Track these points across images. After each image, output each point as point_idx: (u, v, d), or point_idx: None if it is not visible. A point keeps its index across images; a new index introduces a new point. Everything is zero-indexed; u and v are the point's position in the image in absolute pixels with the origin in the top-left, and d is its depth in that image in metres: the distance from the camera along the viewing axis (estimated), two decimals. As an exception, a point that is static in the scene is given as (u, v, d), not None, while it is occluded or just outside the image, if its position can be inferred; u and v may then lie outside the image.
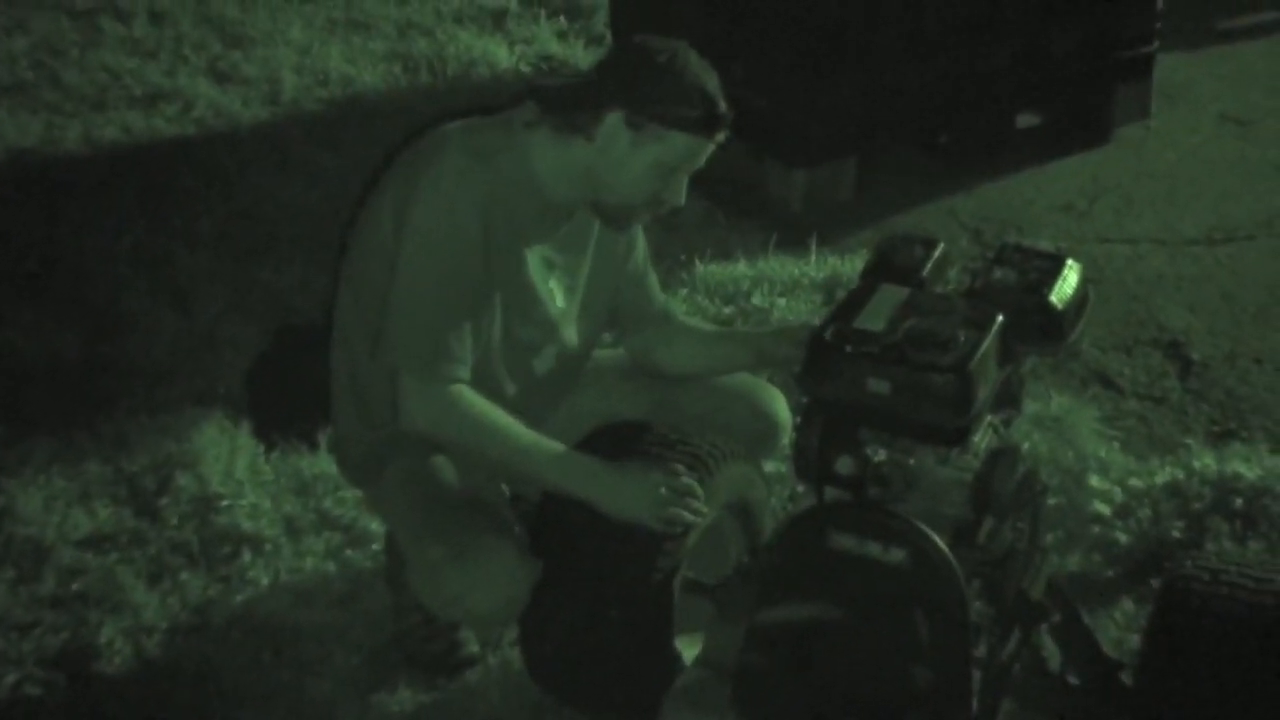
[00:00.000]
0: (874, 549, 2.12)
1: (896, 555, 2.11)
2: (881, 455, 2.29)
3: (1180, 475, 3.25)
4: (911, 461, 2.29)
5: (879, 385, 2.15)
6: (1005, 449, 2.30)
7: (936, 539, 2.11)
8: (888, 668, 2.13)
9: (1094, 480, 3.23)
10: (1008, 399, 2.41)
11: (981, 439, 2.31)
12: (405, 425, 2.53)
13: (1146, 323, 4.01)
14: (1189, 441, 3.47)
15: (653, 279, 2.87)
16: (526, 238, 2.57)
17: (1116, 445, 3.44)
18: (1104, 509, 3.15)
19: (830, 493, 2.28)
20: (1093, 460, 3.32)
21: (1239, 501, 3.14)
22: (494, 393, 2.59)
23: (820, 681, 2.16)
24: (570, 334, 2.71)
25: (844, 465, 2.24)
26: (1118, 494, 3.20)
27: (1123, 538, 3.09)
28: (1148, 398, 3.70)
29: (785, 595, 2.20)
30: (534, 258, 2.59)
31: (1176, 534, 3.07)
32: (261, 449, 3.55)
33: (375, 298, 2.55)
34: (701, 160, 2.54)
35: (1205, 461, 3.29)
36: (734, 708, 2.23)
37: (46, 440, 3.70)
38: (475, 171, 2.47)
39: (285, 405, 3.11)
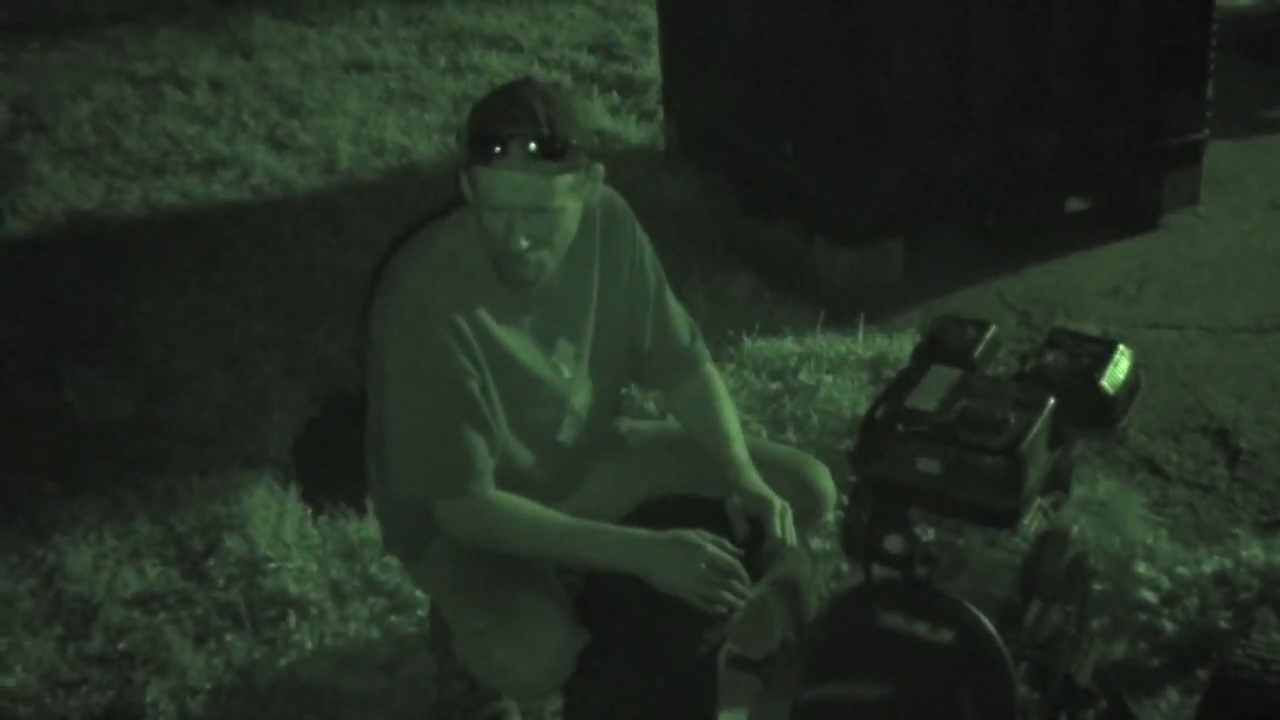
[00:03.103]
0: (922, 629, 2.12)
1: (945, 636, 2.11)
2: (930, 535, 2.30)
3: (1228, 564, 3.23)
4: (960, 542, 2.29)
5: (930, 465, 2.16)
6: (1055, 532, 2.30)
7: (985, 620, 2.11)
8: (934, 749, 2.13)
9: (1141, 567, 3.21)
10: (1057, 482, 2.42)
11: (1031, 521, 2.31)
12: (449, 537, 2.56)
13: (1195, 410, 4.00)
14: (1237, 531, 3.44)
15: (675, 313, 2.80)
16: (508, 320, 2.54)
17: (1164, 532, 3.41)
18: (1150, 597, 3.13)
19: (878, 571, 2.28)
20: (1140, 547, 3.30)
21: (1287, 593, 3.12)
22: (521, 475, 2.60)
23: (866, 760, 2.16)
24: (584, 398, 2.69)
25: (893, 544, 2.24)
26: (1164, 582, 3.17)
27: (1169, 626, 3.06)
28: (1195, 485, 3.68)
29: (831, 673, 2.20)
30: (525, 338, 2.57)
31: (1224, 624, 3.04)
32: (309, 513, 3.58)
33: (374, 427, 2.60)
34: (519, 195, 2.37)
35: (1253, 551, 3.27)
36: (777, 784, 2.23)
37: (98, 499, 3.76)
38: (435, 288, 2.46)
39: (333, 471, 3.14)
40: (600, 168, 2.49)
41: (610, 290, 2.67)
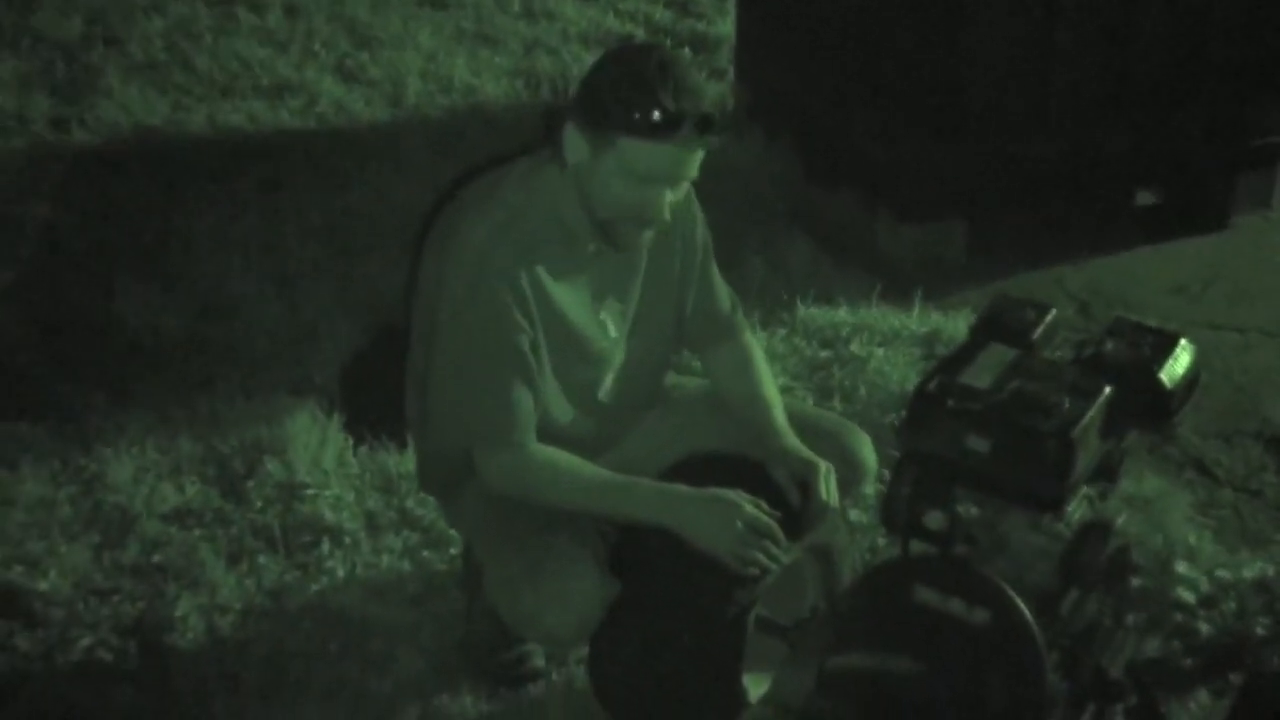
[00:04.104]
0: (957, 606, 2.09)
1: (980, 615, 2.08)
2: (973, 514, 2.27)
3: (1270, 571, 3.18)
4: (1002, 524, 2.26)
5: (978, 443, 2.13)
6: (1099, 522, 2.26)
7: (1021, 604, 2.08)
8: (959, 728, 2.11)
9: (1181, 567, 3.17)
10: (1106, 472, 2.37)
11: (1076, 509, 2.27)
12: (486, 487, 2.56)
13: (1250, 414, 3.94)
14: (1281, 538, 3.40)
15: (718, 283, 2.78)
16: (565, 278, 2.53)
17: (1207, 534, 3.37)
18: (1188, 597, 3.09)
19: (916, 546, 2.25)
20: (1181, 546, 3.26)
21: (1328, 604, 3.08)
22: (563, 431, 2.60)
23: (888, 733, 2.14)
24: (630, 356, 2.69)
25: (934, 520, 2.21)
26: (1204, 583, 3.13)
27: (1204, 628, 3.02)
28: (1244, 490, 3.63)
29: (861, 642, 2.18)
30: (579, 294, 2.56)
31: (1260, 630, 3.00)
32: (350, 442, 3.60)
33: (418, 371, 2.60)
34: (679, 169, 2.39)
35: (1297, 560, 3.23)
36: (797, 750, 2.22)
37: (143, 413, 3.78)
38: (496, 240, 2.44)
39: (377, 403, 3.15)
40: None
41: (661, 256, 2.66)
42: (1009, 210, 4.82)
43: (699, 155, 2.40)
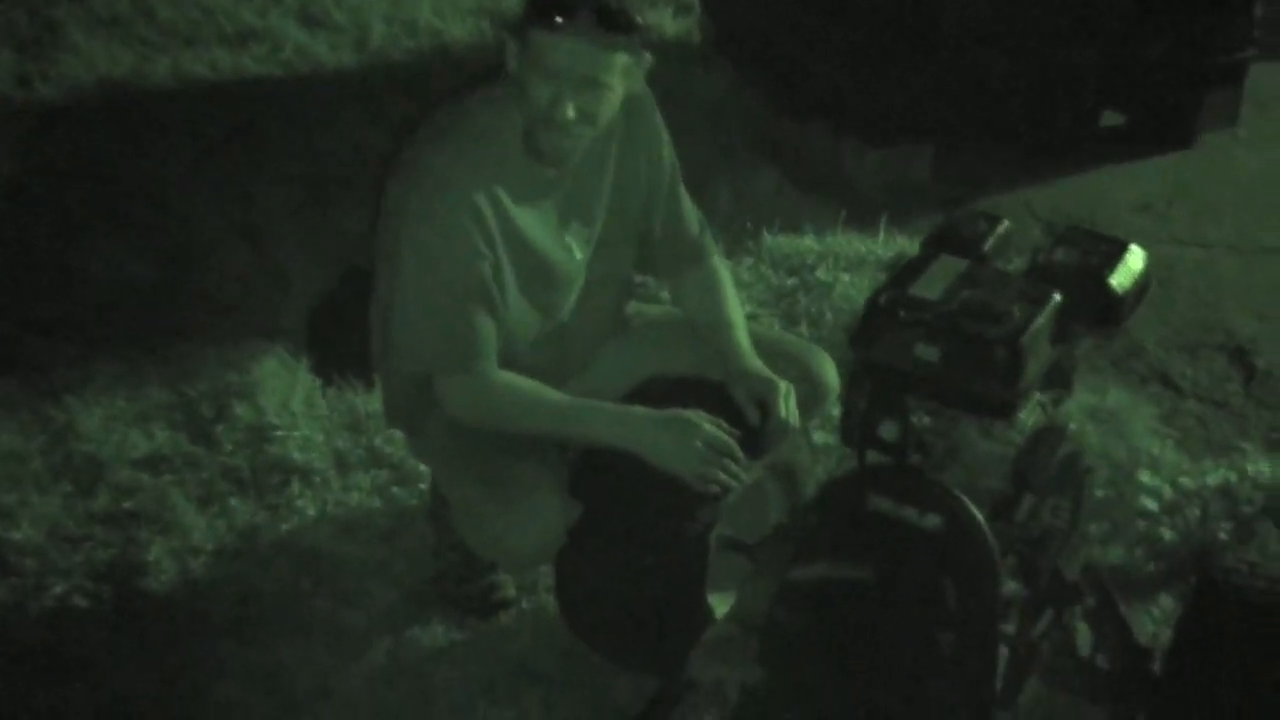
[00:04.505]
0: (910, 514, 2.11)
1: (932, 521, 2.10)
2: (926, 423, 2.28)
3: (1232, 478, 3.21)
4: (955, 432, 2.28)
5: (929, 352, 2.14)
6: (1051, 428, 2.28)
7: (973, 509, 2.10)
8: (914, 633, 2.13)
9: (1144, 476, 3.20)
10: (1059, 379, 2.39)
11: (1028, 416, 2.29)
12: (449, 415, 2.56)
13: (1214, 327, 3.96)
14: (1245, 446, 3.42)
15: (686, 205, 2.79)
16: (528, 201, 2.52)
17: (1171, 444, 3.40)
18: (1152, 505, 3.12)
19: (872, 457, 2.27)
20: (1145, 456, 3.29)
21: (1290, 509, 3.11)
22: (526, 357, 2.61)
23: (846, 641, 2.16)
24: (592, 277, 2.69)
25: (888, 430, 2.22)
26: (1167, 491, 3.16)
27: (1168, 535, 3.06)
28: (1208, 400, 3.66)
29: (819, 553, 2.20)
30: (543, 216, 2.56)
31: (1223, 535, 3.03)
32: (319, 384, 3.61)
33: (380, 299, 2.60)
34: (581, 65, 2.36)
35: (1259, 467, 3.25)
36: (760, 663, 2.24)
37: (112, 362, 3.78)
38: (455, 167, 2.44)
39: (344, 344, 3.15)
40: (650, 58, 2.48)
41: (626, 177, 2.66)
42: (974, 133, 4.82)
43: (611, 57, 2.37)
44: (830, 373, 2.82)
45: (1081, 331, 2.33)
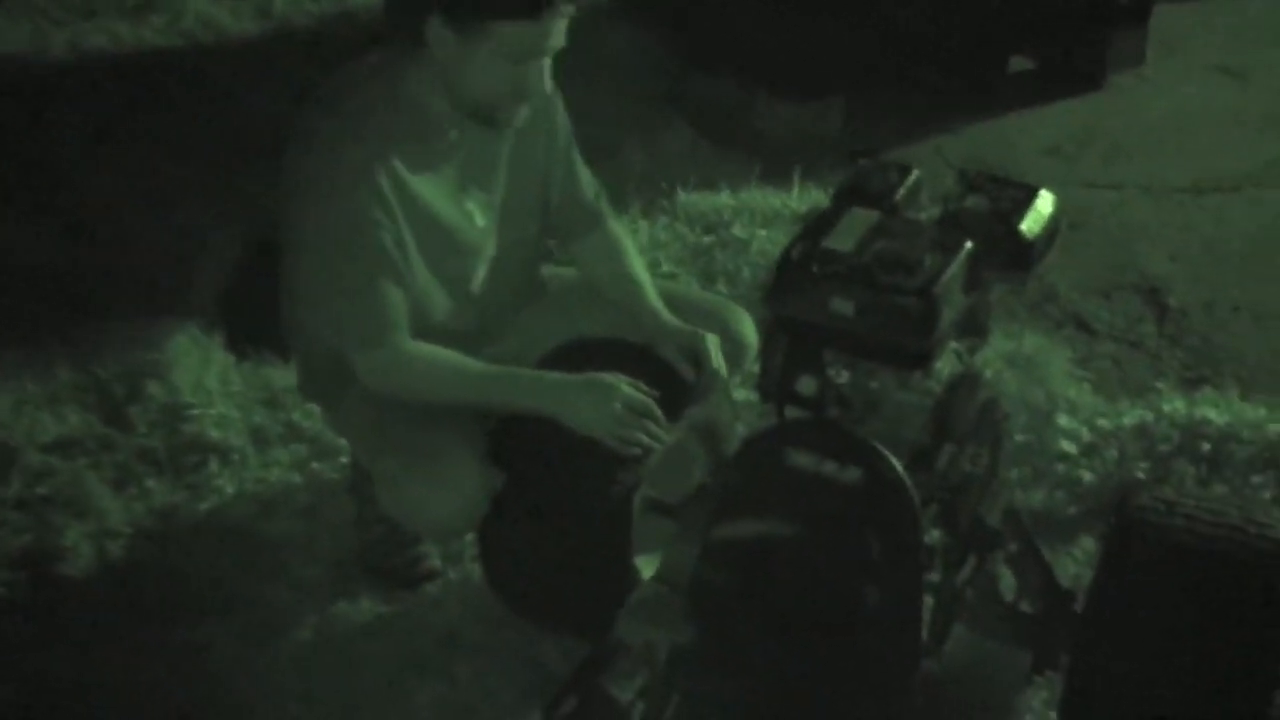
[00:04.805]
0: (830, 468, 2.11)
1: (852, 475, 2.10)
2: (844, 377, 2.28)
3: (1149, 418, 3.25)
4: (873, 384, 2.28)
5: (843, 306, 2.13)
6: (967, 375, 2.29)
7: (893, 460, 2.10)
8: (839, 586, 2.13)
9: (1062, 419, 3.23)
10: (974, 327, 2.39)
11: (944, 365, 2.30)
12: (365, 388, 2.53)
13: (1127, 268, 4.00)
14: (1160, 385, 3.46)
15: (582, 170, 2.77)
16: (425, 169, 2.48)
17: (1087, 387, 3.43)
18: (1070, 448, 3.15)
19: (791, 413, 2.27)
20: (1062, 400, 3.31)
21: (1205, 446, 3.15)
22: (441, 327, 2.58)
23: (772, 597, 2.17)
24: (501, 246, 2.66)
25: (805, 385, 2.22)
26: (1085, 433, 3.19)
27: (1087, 476, 3.09)
28: (1123, 341, 3.70)
29: (741, 511, 2.20)
30: (441, 184, 2.52)
31: (1141, 475, 3.07)
32: (233, 360, 3.55)
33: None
34: (552, 39, 2.37)
35: (1175, 405, 3.29)
36: (687, 622, 2.23)
37: (17, 345, 3.68)
38: (349, 137, 2.40)
39: (258, 318, 3.10)
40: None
41: (524, 142, 2.63)
42: (885, 84, 4.83)
43: (565, 21, 2.38)
44: (749, 329, 2.82)
45: (994, 278, 2.34)
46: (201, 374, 3.50)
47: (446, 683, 2.68)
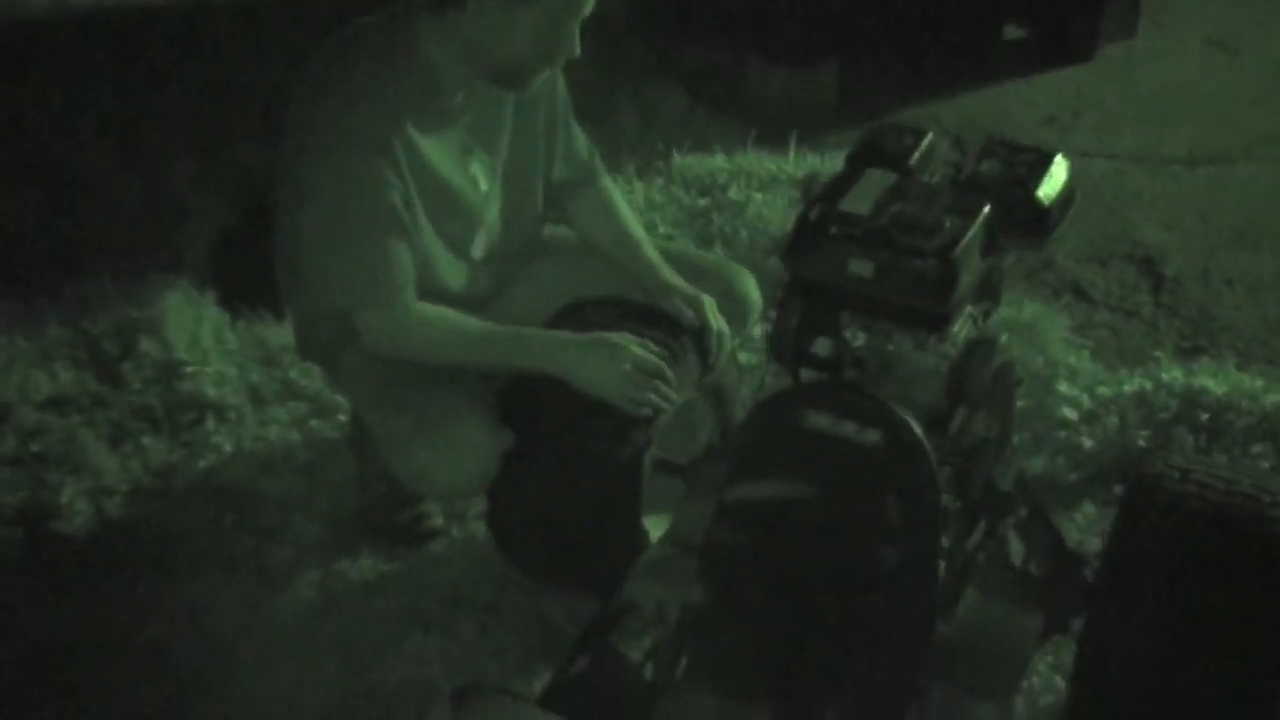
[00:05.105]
0: (849, 429, 2.10)
1: (871, 436, 2.09)
2: (860, 339, 2.27)
3: (1148, 386, 3.26)
4: (890, 347, 2.27)
5: (862, 268, 2.12)
6: (983, 340, 2.28)
7: (913, 422, 2.10)
8: (856, 548, 2.12)
9: (1063, 386, 3.24)
10: (988, 292, 2.39)
11: (961, 329, 2.29)
12: (368, 350, 2.51)
13: (1122, 238, 4.01)
14: (1158, 354, 3.47)
15: (577, 131, 2.75)
16: (432, 132, 2.46)
17: (1086, 354, 3.44)
18: (1071, 414, 3.16)
19: (806, 375, 2.26)
20: (1062, 367, 3.32)
21: (1204, 415, 3.15)
22: (445, 289, 2.56)
23: (786, 559, 2.16)
24: (503, 210, 2.64)
25: (822, 347, 2.21)
26: (1085, 400, 3.20)
27: (1088, 443, 3.10)
28: (1120, 310, 3.70)
29: (757, 472, 2.19)
30: (447, 148, 2.50)
31: (1142, 442, 3.08)
32: (227, 318, 3.52)
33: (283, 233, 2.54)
34: (587, 7, 2.38)
35: (1173, 374, 3.30)
36: (699, 582, 2.22)
37: (8, 303, 3.65)
38: (361, 97, 2.37)
39: (252, 277, 3.07)
40: None
41: (527, 107, 2.61)
42: (880, 50, 4.82)
43: None
44: (753, 289, 2.81)
45: (1010, 243, 2.34)
46: (195, 331, 3.48)
47: (451, 641, 2.67)
